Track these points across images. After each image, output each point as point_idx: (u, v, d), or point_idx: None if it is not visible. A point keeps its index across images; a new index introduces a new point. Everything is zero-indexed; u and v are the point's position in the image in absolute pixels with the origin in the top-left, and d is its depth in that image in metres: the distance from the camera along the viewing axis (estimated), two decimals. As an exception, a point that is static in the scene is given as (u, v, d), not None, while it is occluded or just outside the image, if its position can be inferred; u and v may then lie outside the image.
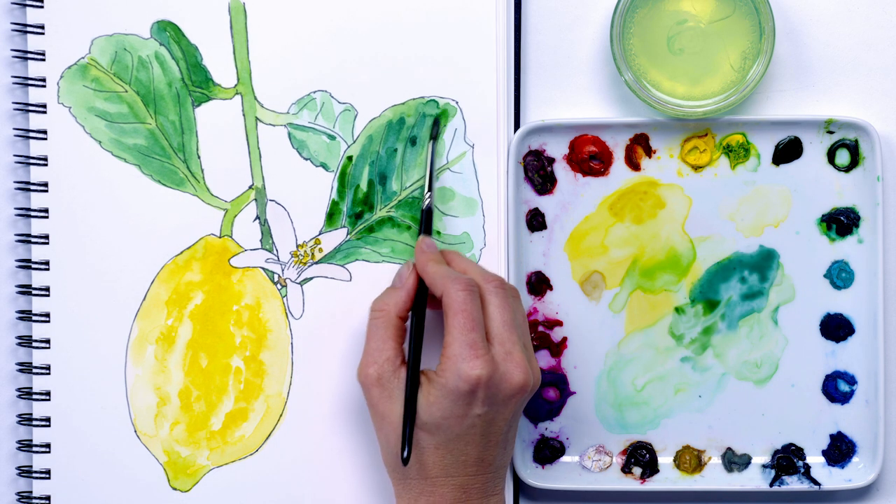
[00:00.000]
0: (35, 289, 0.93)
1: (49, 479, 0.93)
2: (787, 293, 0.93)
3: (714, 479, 0.94)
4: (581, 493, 0.94)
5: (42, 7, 0.92)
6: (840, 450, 0.93)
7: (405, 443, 0.83)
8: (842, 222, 0.93)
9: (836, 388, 0.93)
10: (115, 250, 0.93)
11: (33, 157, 0.92)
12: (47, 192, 0.92)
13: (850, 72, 0.93)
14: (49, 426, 0.93)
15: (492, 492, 0.86)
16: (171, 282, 0.93)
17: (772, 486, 0.93)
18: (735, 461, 0.94)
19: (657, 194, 0.93)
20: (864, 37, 0.93)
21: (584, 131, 0.93)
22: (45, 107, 0.92)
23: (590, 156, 0.93)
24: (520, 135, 0.92)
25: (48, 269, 0.93)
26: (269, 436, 0.93)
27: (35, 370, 0.93)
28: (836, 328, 0.93)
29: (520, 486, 0.94)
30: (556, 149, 0.93)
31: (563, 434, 0.94)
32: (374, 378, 0.85)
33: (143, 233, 0.93)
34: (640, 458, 0.94)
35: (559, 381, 0.94)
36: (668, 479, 0.94)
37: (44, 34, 0.92)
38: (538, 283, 0.94)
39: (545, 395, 0.94)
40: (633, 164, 0.93)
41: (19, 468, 0.94)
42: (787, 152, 0.93)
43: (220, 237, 0.93)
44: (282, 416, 0.93)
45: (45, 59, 0.92)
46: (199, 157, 0.93)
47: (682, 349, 0.94)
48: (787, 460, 0.93)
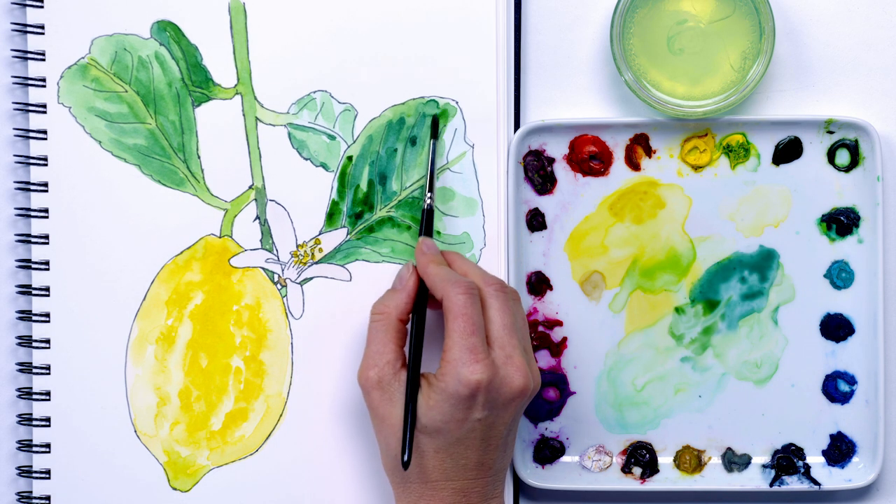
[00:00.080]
0: (35, 289, 0.93)
1: (49, 479, 0.93)
2: (787, 293, 0.93)
3: (714, 479, 0.94)
4: (581, 493, 0.94)
5: (42, 7, 0.92)
6: (840, 450, 0.93)
7: (405, 447, 0.83)
8: (842, 222, 0.93)
9: (836, 388, 0.93)
10: (115, 250, 0.93)
11: (33, 157, 0.92)
12: (47, 192, 0.92)
13: (850, 72, 0.93)
14: (49, 426, 0.93)
15: (491, 495, 0.85)
16: (171, 282, 0.93)
17: (772, 486, 0.93)
18: (735, 461, 0.94)
19: (657, 194, 0.93)
20: (864, 37, 0.93)
21: (584, 131, 0.93)
22: (45, 107, 0.92)
23: (590, 156, 0.93)
24: (520, 135, 0.92)
25: (48, 269, 0.93)
26: (269, 436, 0.93)
27: (35, 370, 0.93)
28: (836, 328, 0.93)
29: (520, 486, 0.94)
30: (556, 149, 0.93)
31: (563, 434, 0.94)
32: (375, 381, 0.85)
33: (143, 233, 0.93)
34: (640, 458, 0.94)
35: (559, 381, 0.94)
36: (668, 479, 0.94)
37: (44, 34, 0.92)
38: (538, 283, 0.94)
39: (545, 395, 0.94)
40: (633, 164, 0.93)
41: (19, 468, 0.94)
42: (787, 152, 0.93)
43: (220, 237, 0.93)
44: (282, 416, 0.93)
45: (45, 59, 0.92)
46: (199, 157, 0.93)
47: (682, 349, 0.94)
48: (787, 460, 0.93)
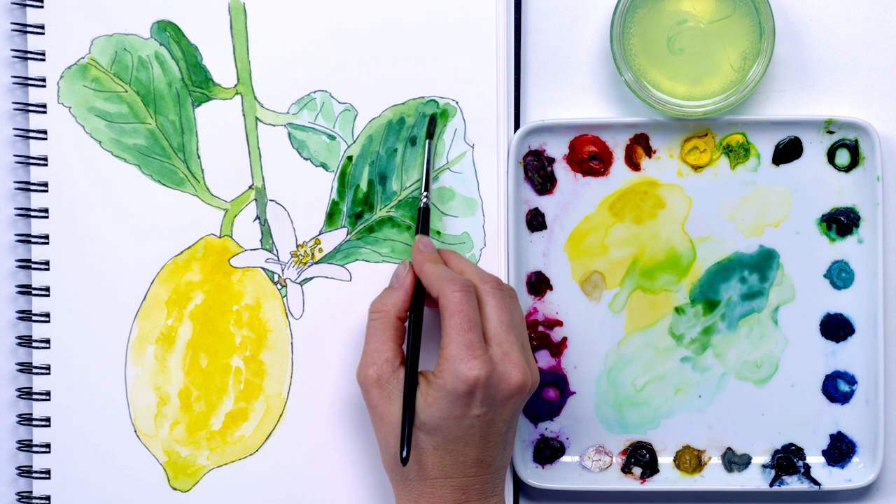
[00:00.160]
0: (35, 289, 0.93)
1: (49, 479, 0.93)
2: (787, 293, 0.93)
3: (714, 479, 0.94)
4: (581, 493, 0.94)
5: (42, 7, 0.92)
6: (840, 450, 0.93)
7: (404, 444, 0.83)
8: (842, 222, 0.93)
9: (836, 388, 0.93)
10: (115, 250, 0.93)
11: (33, 157, 0.92)
12: (47, 192, 0.92)
13: (850, 72, 0.93)
14: (49, 426, 0.93)
15: (491, 492, 0.85)
16: (171, 282, 0.93)
17: (772, 486, 0.93)
18: (735, 461, 0.94)
19: (657, 194, 0.93)
20: (864, 37, 0.93)
21: (584, 131, 0.93)
22: (45, 107, 0.92)
23: (590, 156, 0.93)
24: (520, 135, 0.92)
25: (48, 269, 0.93)
26: (269, 436, 0.93)
27: (35, 370, 0.93)
28: (836, 328, 0.93)
29: (520, 486, 0.94)
30: (556, 149, 0.93)
31: (563, 434, 0.94)
32: (374, 379, 0.85)
33: (143, 233, 0.93)
34: (640, 458, 0.94)
35: (559, 381, 0.94)
36: (668, 479, 0.94)
37: (44, 34, 0.92)
38: (538, 283, 0.94)
39: (545, 395, 0.94)
40: (633, 164, 0.93)
41: (19, 468, 0.94)
42: (787, 152, 0.93)
43: (220, 237, 0.93)
44: (282, 416, 0.93)
45: (45, 59, 0.92)
46: (199, 157, 0.93)
47: (682, 349, 0.94)
48: (787, 460, 0.93)
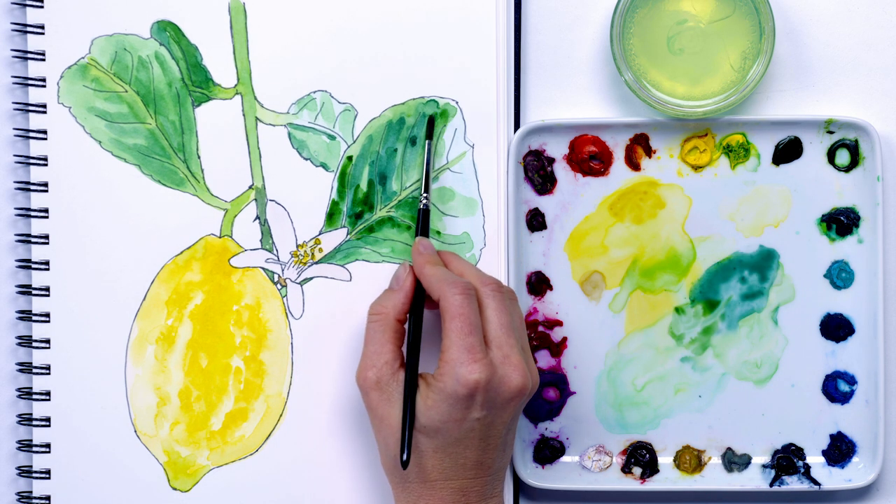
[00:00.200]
0: (35, 289, 0.93)
1: (49, 479, 0.93)
2: (787, 293, 0.93)
3: (714, 479, 0.94)
4: (581, 493, 0.94)
5: (42, 7, 0.92)
6: (840, 450, 0.93)
7: (404, 447, 0.83)
8: (842, 222, 0.93)
9: (836, 388, 0.93)
10: (115, 250, 0.93)
11: (33, 157, 0.92)
12: (47, 192, 0.92)
13: (850, 72, 0.93)
14: (49, 426, 0.93)
15: (491, 494, 0.85)
16: (171, 282, 0.93)
17: (772, 486, 0.93)
18: (735, 461, 0.94)
19: (657, 194, 0.93)
20: (864, 37, 0.93)
21: (584, 131, 0.93)
22: (45, 107, 0.92)
23: (590, 156, 0.93)
24: (520, 135, 0.92)
25: (48, 269, 0.93)
26: (269, 436, 0.93)
27: (35, 370, 0.93)
28: (836, 328, 0.93)
29: (520, 486, 0.94)
30: (556, 149, 0.93)
31: (563, 434, 0.94)
32: (373, 382, 0.85)
33: (143, 233, 0.93)
34: (640, 458, 0.94)
35: (559, 381, 0.94)
36: (668, 479, 0.94)
37: (44, 34, 0.92)
38: (538, 283, 0.94)
39: (545, 395, 0.94)
40: (633, 164, 0.93)
41: (19, 468, 0.94)
42: (787, 152, 0.93)
43: (220, 237, 0.93)
44: (282, 416, 0.93)
45: (45, 59, 0.92)
46: (199, 157, 0.93)
47: (682, 349, 0.94)
48: (787, 460, 0.93)
